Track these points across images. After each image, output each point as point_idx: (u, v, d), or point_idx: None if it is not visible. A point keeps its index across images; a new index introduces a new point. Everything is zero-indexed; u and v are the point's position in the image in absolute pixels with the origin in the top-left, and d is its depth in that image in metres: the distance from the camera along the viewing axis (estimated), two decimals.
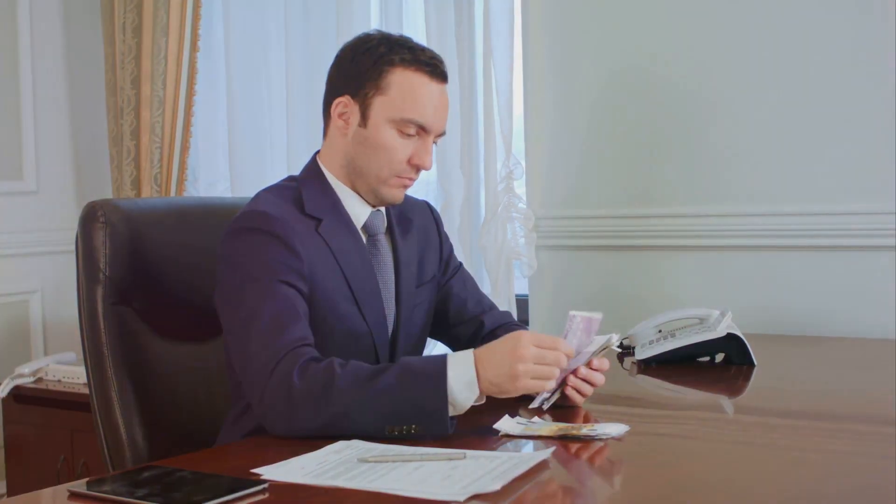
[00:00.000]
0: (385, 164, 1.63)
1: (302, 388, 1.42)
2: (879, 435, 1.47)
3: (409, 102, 1.60)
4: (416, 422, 1.40)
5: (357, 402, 1.40)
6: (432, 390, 1.39)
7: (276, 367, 1.44)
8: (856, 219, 2.39)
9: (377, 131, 1.62)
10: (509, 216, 2.71)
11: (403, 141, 1.62)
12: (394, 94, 1.61)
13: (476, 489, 1.15)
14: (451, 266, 1.88)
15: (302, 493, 1.19)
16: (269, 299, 1.51)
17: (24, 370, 3.08)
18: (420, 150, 1.63)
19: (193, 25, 3.20)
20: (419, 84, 1.61)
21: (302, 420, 1.42)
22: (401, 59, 1.61)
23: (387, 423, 1.40)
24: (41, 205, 3.46)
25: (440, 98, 1.64)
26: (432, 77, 1.62)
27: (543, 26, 2.75)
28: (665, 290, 2.62)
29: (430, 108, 1.62)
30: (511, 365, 1.41)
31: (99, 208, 1.75)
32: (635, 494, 1.23)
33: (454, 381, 1.40)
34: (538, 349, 1.42)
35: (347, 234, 1.65)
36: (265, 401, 1.44)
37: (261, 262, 1.54)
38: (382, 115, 1.61)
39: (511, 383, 1.42)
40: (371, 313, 1.64)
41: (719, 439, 1.51)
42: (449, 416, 1.40)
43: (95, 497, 1.19)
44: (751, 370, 1.98)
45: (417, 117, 1.61)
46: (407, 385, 1.40)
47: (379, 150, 1.62)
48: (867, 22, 2.37)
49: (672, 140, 2.61)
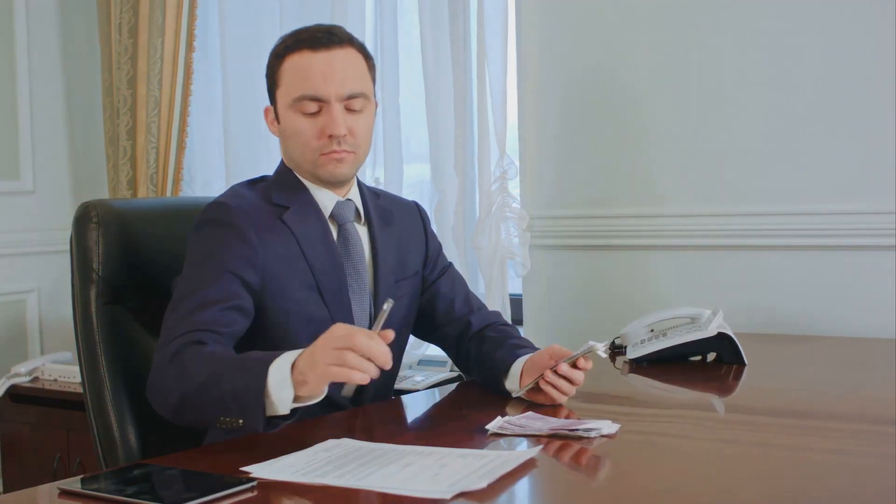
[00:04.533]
0: (304, 148, 1.67)
1: (168, 370, 1.45)
2: (870, 434, 1.48)
3: (297, 81, 1.65)
4: (238, 414, 1.35)
5: (196, 388, 1.41)
6: (251, 381, 1.34)
7: (169, 343, 1.48)
8: (855, 218, 2.39)
9: (286, 121, 1.68)
10: (503, 216, 2.72)
11: (309, 119, 1.65)
12: (286, 82, 1.67)
13: (462, 487, 1.16)
14: (440, 266, 1.88)
15: (290, 490, 1.20)
16: (206, 285, 1.55)
17: (20, 369, 3.10)
18: (327, 122, 1.64)
19: (189, 25, 3.21)
20: (301, 61, 1.65)
21: (161, 399, 1.46)
22: (285, 48, 1.68)
23: (217, 412, 1.38)
24: (38, 204, 3.47)
25: (327, 64, 1.64)
26: (314, 48, 1.65)
27: (537, 27, 2.76)
28: (657, 289, 2.63)
29: (316, 77, 1.63)
30: (311, 356, 1.33)
31: (92, 208, 1.77)
32: (623, 493, 1.24)
33: (274, 374, 1.34)
34: (344, 334, 1.31)
35: (315, 221, 1.69)
36: (150, 376, 1.49)
37: (212, 251, 1.59)
38: (283, 104, 1.68)
39: (312, 370, 1.32)
40: (334, 300, 1.66)
41: (709, 438, 1.52)
42: (265, 411, 1.33)
43: (86, 495, 1.20)
44: (741, 369, 1.99)
45: (305, 90, 1.64)
46: (234, 375, 1.37)
47: (292, 137, 1.68)
48: (867, 21, 2.37)
49: (668, 140, 2.62)
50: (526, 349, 1.74)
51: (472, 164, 2.82)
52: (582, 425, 1.45)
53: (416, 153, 2.96)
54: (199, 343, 1.47)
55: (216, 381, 1.38)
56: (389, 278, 1.75)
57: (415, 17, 2.84)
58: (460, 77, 2.75)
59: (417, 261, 1.84)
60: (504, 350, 1.74)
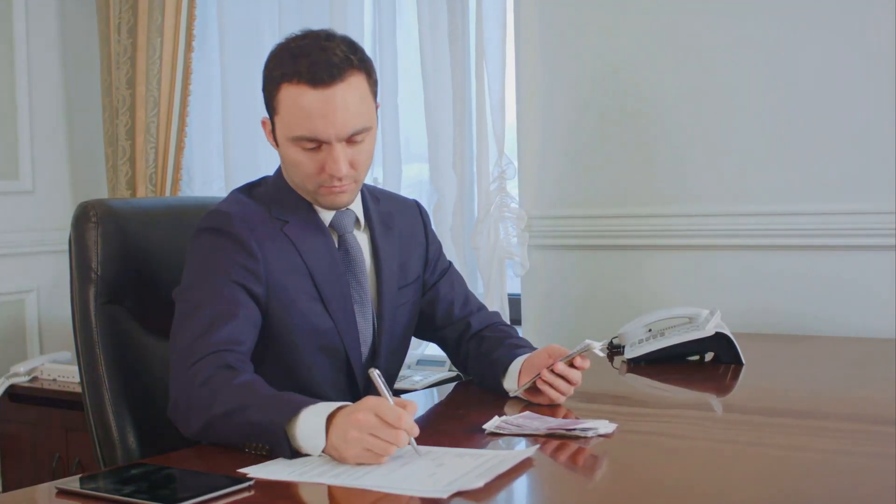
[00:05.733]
0: (302, 177, 1.62)
1: (199, 393, 1.44)
2: (868, 433, 1.48)
3: (296, 119, 1.56)
4: (265, 443, 1.36)
5: (225, 413, 1.39)
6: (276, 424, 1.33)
7: (193, 365, 1.47)
8: (854, 218, 2.39)
9: (285, 150, 1.61)
10: (502, 216, 2.72)
11: (310, 154, 1.58)
12: (284, 114, 1.58)
13: (460, 486, 1.16)
14: (440, 268, 1.88)
15: (287, 490, 1.20)
16: (214, 298, 1.53)
17: (19, 369, 3.10)
18: (328, 160, 1.57)
19: (188, 25, 3.21)
20: (300, 98, 1.54)
21: (190, 421, 1.45)
22: (282, 74, 1.56)
23: (244, 439, 1.39)
24: (37, 204, 3.47)
25: (327, 104, 1.54)
26: (313, 85, 1.54)
27: (536, 27, 2.76)
28: (656, 289, 2.63)
29: (316, 119, 1.54)
30: (346, 430, 1.29)
31: (91, 208, 1.77)
32: (620, 492, 1.24)
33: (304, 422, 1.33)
34: (377, 420, 1.28)
35: (316, 233, 1.66)
36: (173, 394, 1.48)
37: (216, 262, 1.57)
38: (282, 135, 1.60)
39: (345, 448, 1.29)
40: (337, 310, 1.65)
41: (707, 438, 1.52)
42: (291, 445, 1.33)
43: (83, 494, 1.20)
44: (739, 369, 1.99)
45: (306, 132, 1.55)
46: (262, 410, 1.36)
47: (292, 167, 1.62)
48: (867, 21, 2.37)
49: (667, 140, 2.62)
50: (524, 349, 1.74)
51: (470, 164, 2.82)
52: (579, 425, 1.45)
53: (414, 153, 2.96)
54: (228, 367, 1.46)
55: (243, 410, 1.38)
56: (392, 286, 1.74)
57: (413, 16, 2.84)
58: (459, 77, 2.75)
59: (418, 264, 1.83)
60: (502, 350, 1.74)
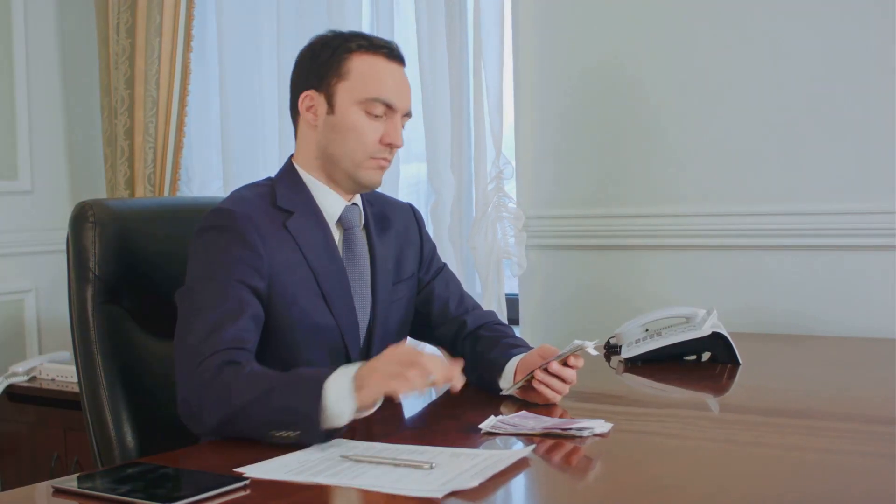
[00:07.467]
0: (358, 147, 1.65)
1: (211, 389, 1.44)
2: (866, 433, 1.48)
3: (373, 82, 1.65)
4: (293, 427, 1.37)
5: (246, 404, 1.40)
6: (307, 396, 1.36)
7: (201, 364, 1.47)
8: (854, 218, 2.39)
9: (346, 115, 1.65)
10: (499, 216, 2.72)
11: (372, 122, 1.65)
12: (356, 78, 1.65)
13: (455, 486, 1.17)
14: (434, 267, 1.89)
15: (283, 489, 1.21)
16: (219, 297, 1.53)
17: (18, 369, 3.10)
18: (390, 129, 1.66)
19: (187, 26, 3.21)
20: (379, 65, 1.66)
21: (205, 418, 1.45)
22: (357, 45, 1.67)
23: (269, 427, 1.39)
24: (36, 204, 3.48)
25: (401, 78, 1.69)
26: (390, 58, 1.68)
27: (533, 27, 2.76)
28: (653, 289, 2.63)
29: (392, 85, 1.66)
30: (374, 363, 1.38)
31: (89, 208, 1.77)
32: (616, 492, 1.24)
33: (331, 387, 1.36)
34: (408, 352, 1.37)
35: (317, 228, 1.67)
36: (182, 394, 1.48)
37: (219, 260, 1.57)
38: (348, 98, 1.65)
39: (370, 376, 1.36)
40: (339, 306, 1.66)
41: (703, 437, 1.52)
42: (323, 424, 1.35)
43: (80, 493, 1.20)
44: (736, 369, 2.00)
45: (382, 95, 1.65)
46: (288, 390, 1.39)
47: (349, 133, 1.65)
48: (866, 21, 2.37)
49: (665, 140, 2.62)
50: (520, 348, 1.75)
51: (468, 164, 2.82)
52: (575, 424, 1.46)
53: (412, 153, 2.96)
54: (235, 363, 1.47)
55: (267, 397, 1.39)
56: (387, 282, 1.75)
57: (411, 16, 2.85)
58: (457, 77, 2.76)
59: (413, 263, 1.84)
60: (498, 349, 1.75)
